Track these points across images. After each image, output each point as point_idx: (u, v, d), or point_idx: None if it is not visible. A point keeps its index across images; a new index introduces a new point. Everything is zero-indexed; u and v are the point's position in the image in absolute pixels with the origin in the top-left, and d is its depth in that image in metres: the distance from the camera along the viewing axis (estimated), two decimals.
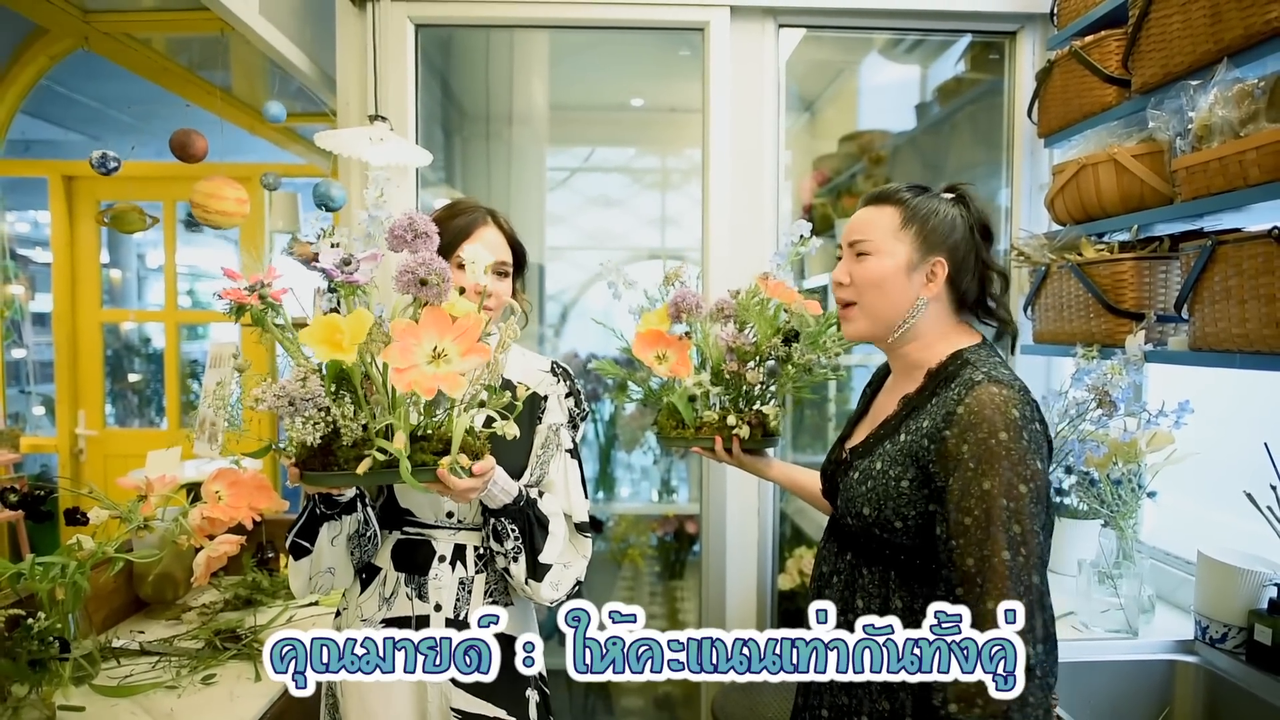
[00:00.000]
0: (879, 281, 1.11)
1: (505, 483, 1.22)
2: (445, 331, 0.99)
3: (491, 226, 1.36)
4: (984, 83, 2.37)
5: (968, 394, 1.00)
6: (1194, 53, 1.44)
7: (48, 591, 1.19)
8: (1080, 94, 1.80)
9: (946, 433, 0.99)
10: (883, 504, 1.05)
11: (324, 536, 1.23)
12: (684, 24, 2.07)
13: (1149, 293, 1.63)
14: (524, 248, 1.42)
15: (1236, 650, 1.51)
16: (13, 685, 1.18)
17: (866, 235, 1.13)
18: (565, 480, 1.36)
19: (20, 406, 4.22)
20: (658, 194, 3.42)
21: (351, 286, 1.03)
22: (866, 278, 1.12)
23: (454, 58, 2.83)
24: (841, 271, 1.16)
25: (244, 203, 2.09)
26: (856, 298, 1.14)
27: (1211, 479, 1.76)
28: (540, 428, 1.38)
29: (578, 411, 1.43)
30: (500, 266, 1.34)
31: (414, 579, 1.28)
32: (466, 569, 1.30)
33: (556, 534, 1.30)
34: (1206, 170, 1.38)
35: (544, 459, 1.36)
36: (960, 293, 1.13)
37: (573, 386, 1.42)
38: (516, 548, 1.26)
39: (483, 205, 1.38)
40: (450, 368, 0.97)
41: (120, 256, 5.15)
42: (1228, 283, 1.35)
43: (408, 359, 0.96)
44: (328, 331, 0.96)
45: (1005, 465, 0.95)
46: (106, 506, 1.23)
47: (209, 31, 2.24)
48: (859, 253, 1.14)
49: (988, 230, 1.15)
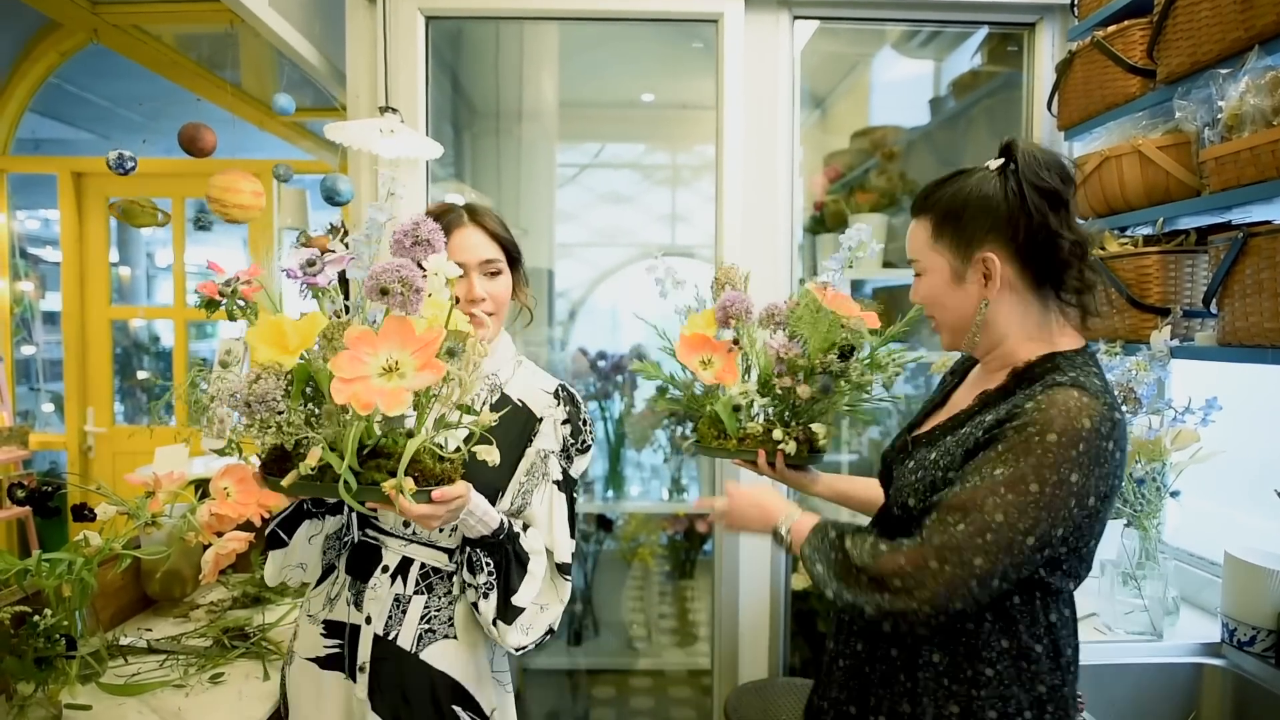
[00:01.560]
0: (931, 299, 1.08)
1: (484, 513, 1.14)
2: (406, 344, 0.92)
3: (470, 227, 1.28)
4: (1001, 75, 2.34)
5: (1043, 393, 0.93)
6: (1223, 40, 1.40)
7: (55, 588, 1.17)
8: (1102, 85, 1.77)
9: (1006, 424, 0.93)
10: (927, 496, 1.00)
11: (302, 532, 1.23)
12: (697, 15, 2.04)
13: (1175, 287, 1.59)
14: (514, 241, 1.34)
15: (1266, 654, 1.48)
16: (19, 683, 1.16)
17: (912, 254, 1.10)
18: (550, 514, 1.26)
19: (30, 404, 4.23)
20: (668, 190, 3.39)
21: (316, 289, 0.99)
22: (923, 298, 1.10)
23: (464, 53, 2.81)
24: (913, 293, 1.13)
25: (260, 195, 2.08)
26: (929, 314, 1.11)
27: (1238, 478, 1.72)
28: (529, 450, 1.28)
29: (574, 442, 1.32)
30: (487, 266, 1.27)
31: (356, 585, 1.23)
32: (405, 586, 1.21)
33: (536, 574, 1.21)
34: (1237, 160, 1.35)
35: (527, 487, 1.26)
36: (1038, 276, 1.01)
37: (573, 414, 1.32)
38: (489, 583, 1.18)
39: (460, 206, 1.32)
40: (401, 383, 0.90)
41: (130, 254, 5.17)
42: (1259, 276, 1.32)
43: (356, 369, 0.90)
44: (273, 333, 0.93)
45: (1031, 461, 0.89)
46: (114, 503, 1.21)
47: (218, 24, 2.23)
48: (916, 271, 1.11)
49: (1047, 189, 0.98)
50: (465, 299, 1.24)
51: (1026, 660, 0.98)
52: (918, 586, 0.91)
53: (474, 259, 1.26)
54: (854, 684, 1.08)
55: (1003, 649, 0.98)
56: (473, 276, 1.26)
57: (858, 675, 1.08)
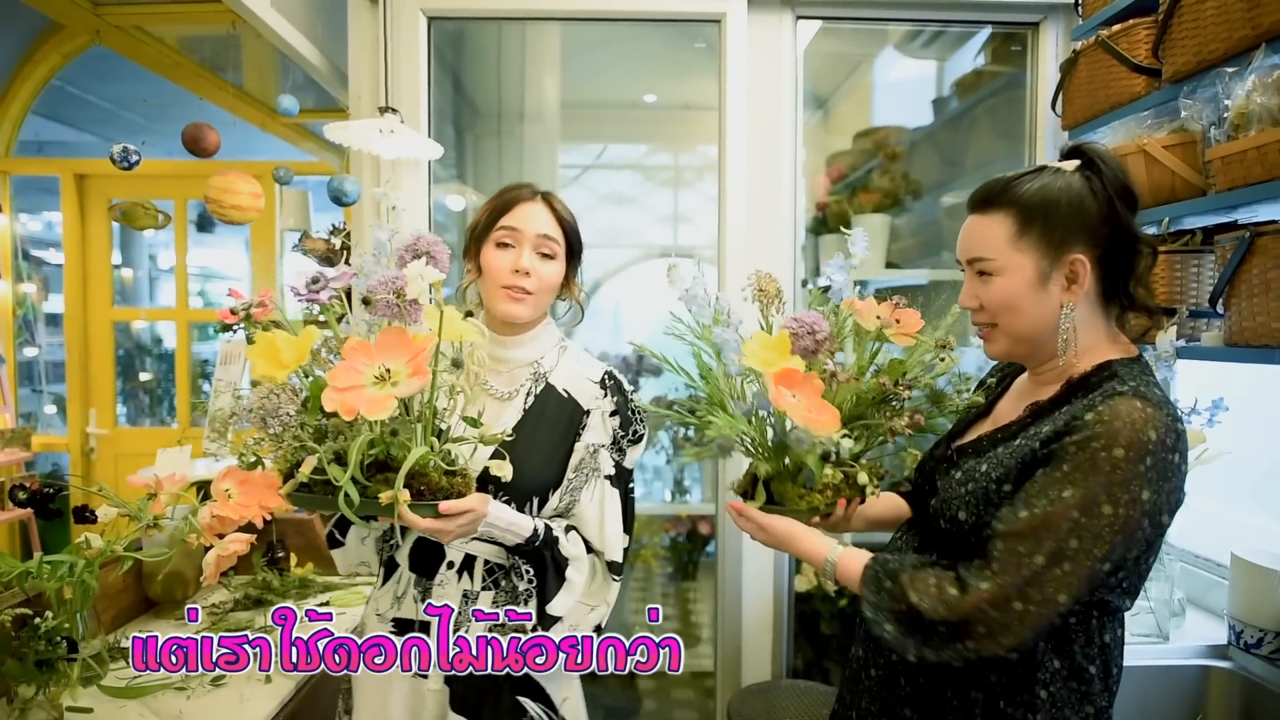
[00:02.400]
0: (1010, 303, 0.97)
1: (510, 523, 1.12)
2: (402, 353, 0.93)
3: (537, 203, 1.25)
4: (1004, 75, 2.33)
5: (1103, 403, 0.88)
6: (1230, 39, 1.39)
7: (56, 590, 1.17)
8: (1107, 84, 1.76)
9: (1066, 437, 0.88)
10: (981, 509, 0.95)
11: (352, 534, 1.27)
12: (700, 15, 2.04)
13: (1180, 287, 1.59)
14: (578, 232, 1.31)
15: (1273, 656, 1.47)
16: (20, 686, 1.16)
17: (983, 252, 0.98)
18: (600, 511, 1.22)
19: (33, 405, 4.24)
20: (670, 191, 3.39)
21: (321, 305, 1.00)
22: (997, 302, 0.98)
23: (466, 53, 2.81)
24: (968, 296, 1.02)
25: (259, 197, 2.08)
26: (993, 320, 1.01)
27: (1244, 479, 1.71)
28: (578, 445, 1.23)
29: (624, 434, 1.25)
30: (542, 243, 1.23)
31: (422, 582, 1.23)
32: (472, 581, 1.21)
33: (574, 582, 1.18)
34: (1244, 159, 1.34)
35: (575, 484, 1.22)
36: (1110, 283, 0.97)
37: (621, 404, 1.26)
38: (529, 590, 1.18)
39: (536, 187, 1.29)
40: (391, 390, 0.91)
41: (132, 256, 5.17)
42: (1266, 275, 1.31)
43: (351, 379, 0.91)
44: (268, 349, 0.96)
45: (1100, 479, 0.84)
46: (116, 505, 1.21)
47: (221, 25, 2.23)
48: (981, 271, 0.99)
49: (1129, 194, 0.96)
50: (510, 268, 1.21)
51: (1079, 681, 0.94)
52: (1003, 630, 0.85)
53: (530, 230, 1.22)
54: (888, 696, 1.03)
55: (1055, 669, 0.94)
56: (524, 248, 1.22)
57: (892, 687, 1.03)
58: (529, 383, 1.25)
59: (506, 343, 1.26)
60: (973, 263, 1.01)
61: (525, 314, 1.23)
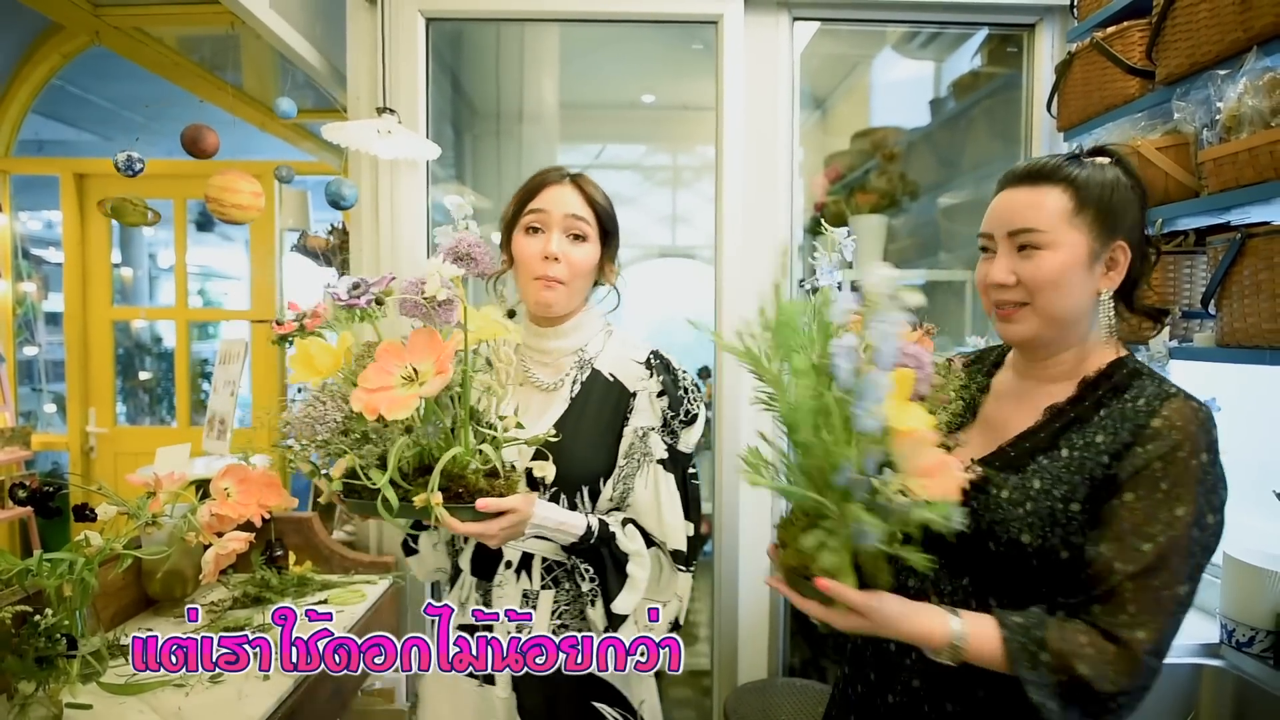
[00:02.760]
0: (1059, 280, 0.93)
1: (560, 522, 1.08)
2: (432, 353, 0.94)
3: (565, 184, 1.19)
4: (1001, 77, 2.34)
5: (1163, 406, 0.88)
6: (1222, 42, 1.40)
7: (56, 588, 1.18)
8: (1102, 86, 1.77)
9: (1138, 448, 0.86)
10: (1049, 531, 0.90)
11: (424, 541, 1.26)
12: (697, 17, 2.05)
13: (1173, 288, 1.60)
14: (612, 214, 1.23)
15: (1264, 654, 1.48)
16: (20, 682, 1.16)
17: (1034, 224, 0.94)
18: (656, 498, 1.15)
19: (32, 404, 4.25)
20: (669, 191, 3.40)
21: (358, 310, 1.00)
22: (1043, 277, 0.93)
23: (464, 54, 2.82)
24: (1003, 270, 0.96)
25: (259, 196, 2.08)
26: (1027, 298, 0.95)
27: (1236, 479, 1.71)
28: (626, 430, 1.18)
29: (674, 415, 1.18)
30: (572, 224, 1.17)
31: (484, 584, 1.20)
32: (531, 581, 1.17)
33: (637, 578, 1.12)
34: (1236, 161, 1.35)
35: (627, 471, 1.16)
36: (1129, 280, 0.97)
37: (668, 384, 1.19)
38: (594, 590, 1.12)
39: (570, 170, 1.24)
40: (419, 390, 0.91)
41: (132, 255, 5.18)
42: (1258, 277, 1.32)
43: (381, 379, 0.93)
44: (304, 356, 1.00)
45: (1201, 491, 0.84)
46: (115, 503, 1.22)
47: (220, 26, 2.23)
48: (1024, 245, 0.95)
49: (1146, 197, 0.99)
50: (540, 254, 1.16)
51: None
52: (1161, 661, 0.86)
53: (558, 211, 1.17)
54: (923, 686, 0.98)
55: None
56: (553, 232, 1.16)
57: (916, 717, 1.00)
58: (574, 371, 1.21)
59: (547, 334, 1.23)
60: (1016, 235, 0.95)
61: (559, 303, 1.18)
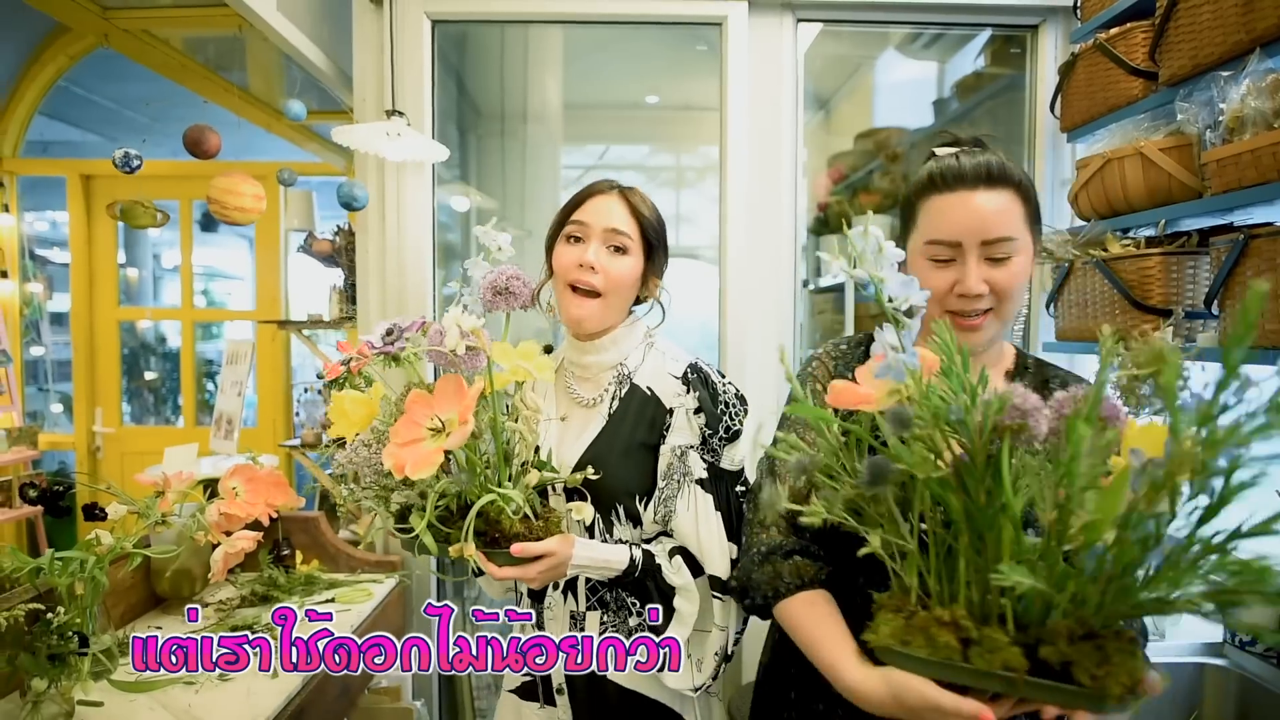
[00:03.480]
0: (1023, 285, 0.93)
1: (604, 560, 1.07)
2: (458, 402, 0.92)
3: (611, 196, 1.17)
4: (1004, 77, 2.34)
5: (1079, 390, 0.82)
6: (1225, 43, 1.41)
7: (67, 586, 1.19)
8: (1105, 87, 1.77)
9: None
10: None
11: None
12: (701, 18, 2.05)
13: (1177, 289, 1.60)
14: (659, 227, 1.20)
15: (1267, 654, 1.48)
16: (33, 680, 1.18)
17: (1010, 232, 0.90)
18: (695, 521, 1.10)
19: (39, 404, 4.27)
20: (672, 192, 3.40)
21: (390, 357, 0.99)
22: (1017, 284, 0.91)
23: (469, 55, 2.83)
24: (976, 280, 0.91)
25: (261, 199, 2.09)
26: (993, 305, 0.93)
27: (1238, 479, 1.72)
28: (664, 449, 1.13)
29: (713, 432, 1.12)
30: (612, 237, 1.14)
31: (536, 606, 1.21)
32: (577, 602, 1.16)
33: (684, 613, 1.09)
34: (1238, 163, 1.35)
35: (668, 492, 1.12)
36: None
37: (705, 400, 1.12)
38: (641, 624, 1.11)
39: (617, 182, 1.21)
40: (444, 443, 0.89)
41: (137, 256, 5.20)
42: (1261, 277, 1.32)
43: (410, 432, 0.92)
44: (339, 410, 1.02)
45: None
46: (125, 502, 1.23)
47: (227, 28, 2.25)
48: (999, 256, 0.91)
49: None
50: (576, 262, 1.14)
51: None
52: None
53: (599, 223, 1.15)
54: None
55: None
56: (592, 242, 1.14)
57: None
58: (613, 386, 1.19)
59: (586, 349, 1.20)
60: (991, 244, 0.91)
61: (593, 317, 1.15)
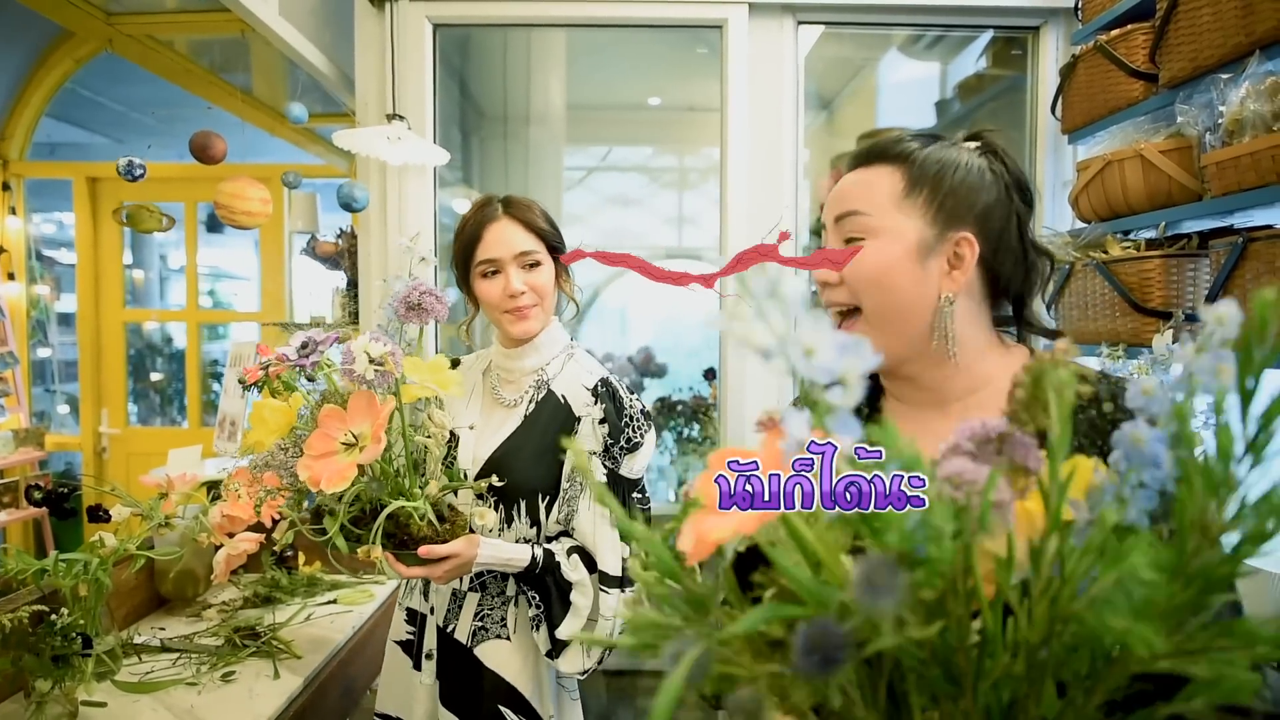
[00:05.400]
0: (880, 276, 0.75)
1: (504, 559, 1.15)
2: (371, 417, 0.98)
3: (504, 220, 1.25)
4: (1005, 79, 2.34)
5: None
6: (1224, 46, 1.41)
7: (71, 588, 1.20)
8: (1105, 89, 1.77)
9: None
10: None
11: None
12: (702, 21, 2.06)
13: (1177, 291, 1.60)
14: (555, 231, 1.29)
15: None
16: (37, 680, 1.19)
17: (857, 206, 0.77)
18: (593, 521, 1.19)
19: (45, 405, 4.29)
20: (675, 193, 3.41)
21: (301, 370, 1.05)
22: (864, 272, 0.76)
23: (471, 58, 2.84)
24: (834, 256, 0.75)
25: (267, 203, 2.11)
26: (852, 300, 0.78)
27: None
28: (569, 453, 1.23)
29: (614, 442, 1.21)
30: (524, 258, 1.24)
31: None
32: (461, 582, 1.24)
33: (580, 606, 1.18)
34: (1238, 165, 1.35)
35: (571, 493, 1.21)
36: (998, 282, 0.79)
37: (610, 412, 1.21)
38: (538, 617, 1.18)
39: (498, 198, 1.28)
40: (352, 458, 0.96)
41: (143, 257, 5.22)
42: (1260, 280, 1.32)
43: (324, 445, 0.98)
44: (259, 417, 1.06)
45: None
46: (128, 504, 1.24)
47: (230, 33, 2.26)
48: (850, 234, 0.78)
49: (1027, 192, 0.80)
50: (503, 294, 1.23)
51: None
52: None
53: (508, 252, 1.23)
54: None
55: None
56: (509, 270, 1.23)
57: None
58: (532, 390, 1.28)
59: (512, 354, 1.30)
60: (841, 220, 0.79)
61: (535, 324, 1.26)
